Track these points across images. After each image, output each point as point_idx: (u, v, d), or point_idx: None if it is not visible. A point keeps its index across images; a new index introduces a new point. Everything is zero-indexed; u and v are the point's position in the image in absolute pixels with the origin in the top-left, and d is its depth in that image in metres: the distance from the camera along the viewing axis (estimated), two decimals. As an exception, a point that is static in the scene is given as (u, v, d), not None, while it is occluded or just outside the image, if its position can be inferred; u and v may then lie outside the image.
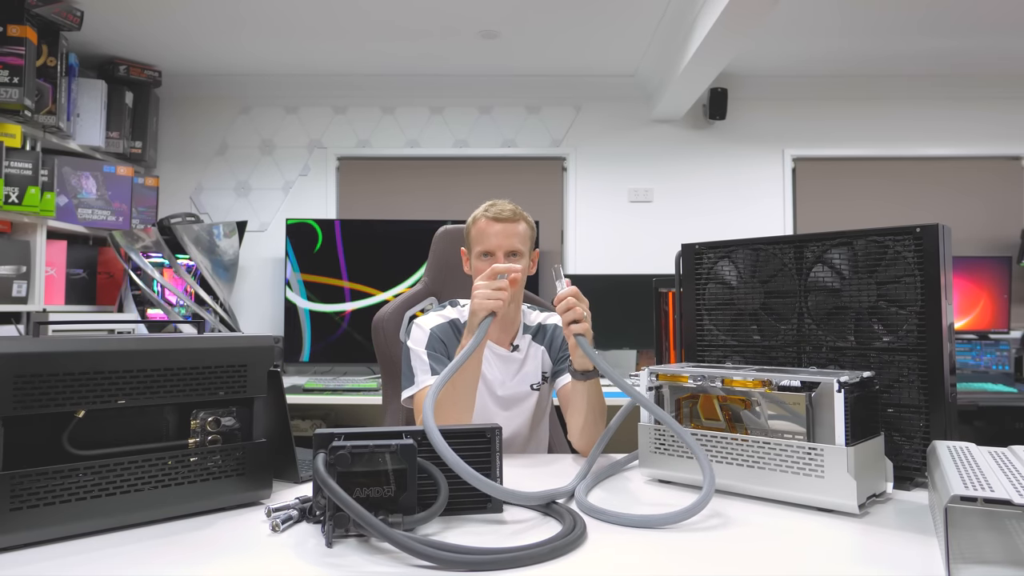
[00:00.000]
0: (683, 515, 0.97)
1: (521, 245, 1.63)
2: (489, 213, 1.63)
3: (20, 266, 2.90)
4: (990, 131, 3.84)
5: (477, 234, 1.64)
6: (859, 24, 3.17)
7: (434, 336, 1.62)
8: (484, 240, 1.62)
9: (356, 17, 3.08)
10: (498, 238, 1.60)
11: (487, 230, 1.62)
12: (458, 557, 0.81)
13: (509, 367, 1.68)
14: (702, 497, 0.99)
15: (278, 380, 1.17)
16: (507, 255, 1.61)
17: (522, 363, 1.69)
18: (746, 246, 1.39)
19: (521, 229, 1.63)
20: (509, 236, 1.61)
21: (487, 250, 1.61)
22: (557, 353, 1.71)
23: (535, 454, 1.68)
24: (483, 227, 1.63)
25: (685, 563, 0.84)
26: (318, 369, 3.73)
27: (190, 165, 3.89)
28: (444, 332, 1.63)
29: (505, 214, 1.62)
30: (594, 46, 3.40)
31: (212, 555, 0.86)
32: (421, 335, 1.64)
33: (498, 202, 1.65)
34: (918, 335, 1.18)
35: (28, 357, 0.88)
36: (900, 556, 0.85)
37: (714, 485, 1.02)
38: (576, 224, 3.87)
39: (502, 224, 1.61)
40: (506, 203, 1.65)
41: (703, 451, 1.08)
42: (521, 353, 1.70)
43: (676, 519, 0.97)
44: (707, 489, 1.00)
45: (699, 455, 1.06)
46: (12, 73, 2.71)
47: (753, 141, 3.89)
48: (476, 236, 1.64)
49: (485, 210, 1.65)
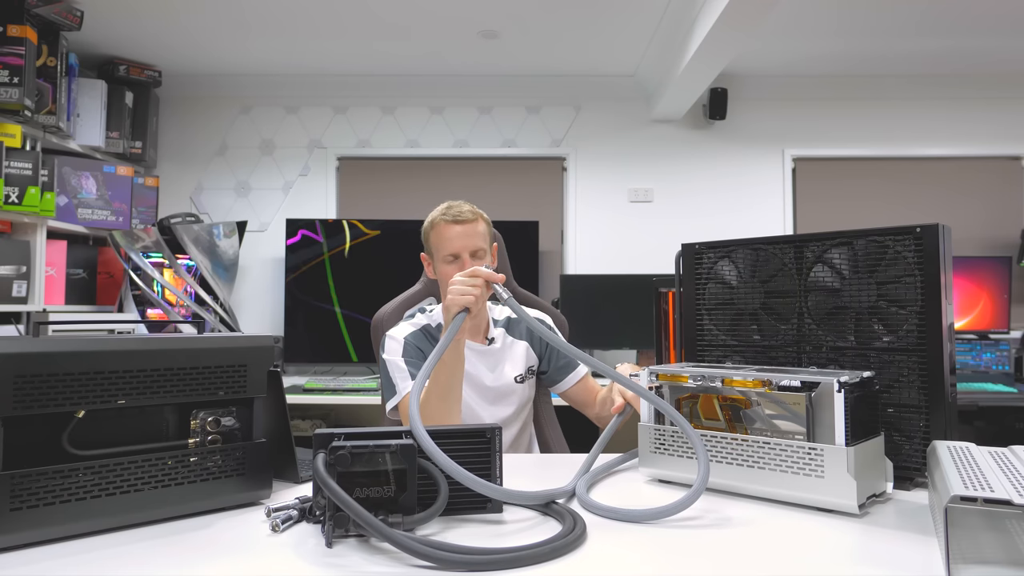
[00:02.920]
0: (675, 508, 0.98)
1: (483, 244, 1.65)
2: (448, 216, 1.63)
3: (20, 266, 2.90)
4: (990, 131, 3.84)
5: (438, 238, 1.65)
6: (859, 24, 3.17)
7: (408, 344, 1.63)
8: (447, 244, 1.63)
9: (356, 17, 3.08)
10: (461, 240, 1.62)
11: (448, 233, 1.63)
12: (458, 557, 0.81)
13: (488, 360, 1.69)
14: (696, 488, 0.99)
15: (278, 380, 1.17)
16: (472, 255, 1.62)
17: (500, 355, 1.70)
18: (746, 246, 1.38)
19: (481, 228, 1.65)
20: (471, 236, 1.62)
21: (453, 253, 1.62)
22: (543, 349, 1.73)
23: (535, 454, 1.69)
24: (443, 231, 1.63)
25: (685, 563, 0.84)
26: (318, 369, 3.73)
27: (190, 165, 3.89)
28: (417, 339, 1.64)
29: (465, 215, 1.63)
30: (594, 46, 3.40)
31: (212, 555, 0.86)
32: (395, 345, 1.64)
33: (454, 203, 1.66)
34: (918, 335, 1.18)
35: (28, 357, 0.88)
36: (900, 556, 0.85)
37: (708, 476, 1.02)
38: (576, 224, 3.87)
39: (462, 226, 1.62)
40: (462, 203, 1.66)
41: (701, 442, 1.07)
42: (498, 344, 1.71)
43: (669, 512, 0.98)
44: (701, 479, 1.00)
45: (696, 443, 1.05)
46: (12, 73, 2.71)
47: (753, 141, 3.89)
48: (437, 240, 1.65)
49: (443, 213, 1.65)
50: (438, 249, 1.65)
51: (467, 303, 1.35)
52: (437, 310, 1.75)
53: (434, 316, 1.72)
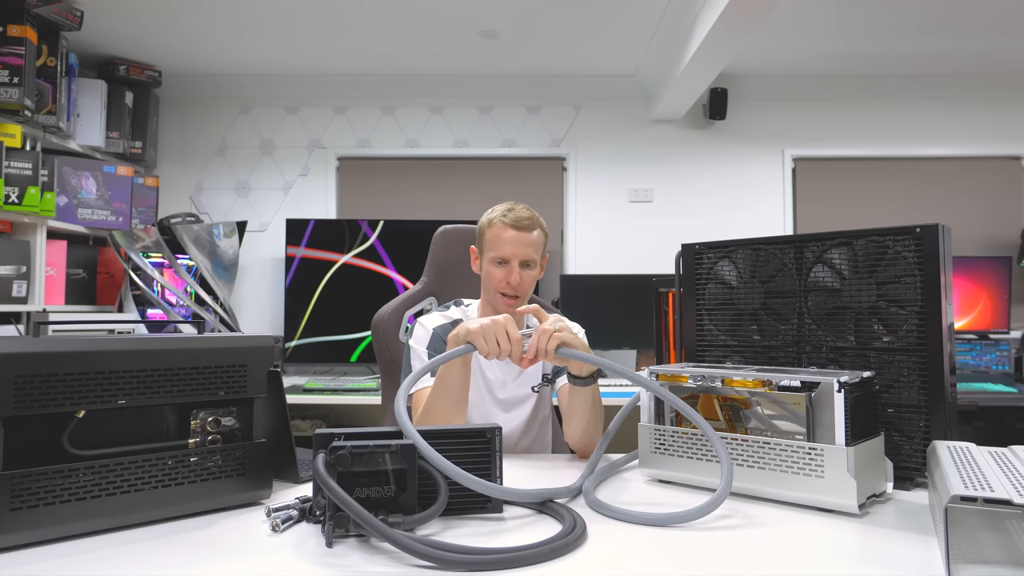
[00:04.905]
0: (697, 513, 0.97)
1: (535, 254, 1.61)
2: (507, 218, 1.60)
3: (20, 266, 2.90)
4: (990, 131, 3.84)
5: (492, 238, 1.61)
6: (859, 24, 3.17)
7: (436, 336, 1.62)
8: (499, 246, 1.59)
9: (356, 17, 3.08)
10: (513, 246, 1.58)
11: (503, 235, 1.59)
12: (458, 557, 0.81)
13: (511, 369, 1.67)
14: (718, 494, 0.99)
15: (278, 380, 1.17)
16: (522, 264, 1.59)
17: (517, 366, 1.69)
18: (746, 246, 1.38)
19: (536, 237, 1.62)
20: (525, 245, 1.59)
21: (502, 257, 1.59)
22: None
23: (535, 454, 1.68)
24: (499, 232, 1.60)
25: (685, 563, 0.84)
26: (318, 369, 3.73)
27: (190, 165, 3.89)
28: (446, 332, 1.63)
29: (524, 222, 1.59)
30: (594, 46, 3.40)
31: (212, 555, 0.86)
32: (424, 334, 1.63)
33: (516, 206, 1.62)
34: (918, 335, 1.18)
35: (28, 357, 0.88)
36: (900, 556, 0.85)
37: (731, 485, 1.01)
38: (576, 224, 3.87)
39: (519, 232, 1.59)
40: (524, 208, 1.62)
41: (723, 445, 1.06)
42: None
43: (690, 517, 0.97)
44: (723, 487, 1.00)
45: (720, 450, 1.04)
46: (12, 73, 2.71)
47: (753, 141, 3.89)
48: (491, 240, 1.61)
49: (503, 214, 1.61)
50: (490, 248, 1.61)
51: (485, 353, 1.26)
52: (474, 306, 1.72)
53: (469, 312, 1.69)
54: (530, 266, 1.61)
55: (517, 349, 1.26)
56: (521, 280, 1.59)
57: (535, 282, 1.65)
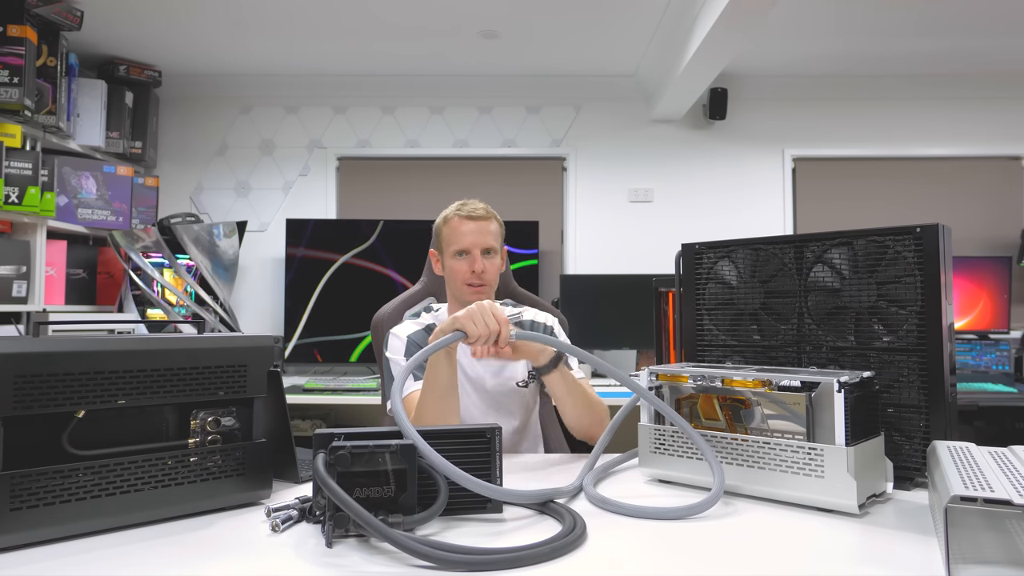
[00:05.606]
0: (697, 508, 1.00)
1: (495, 242, 1.65)
2: (462, 212, 1.65)
3: (20, 266, 2.90)
4: (990, 131, 3.84)
5: (450, 233, 1.65)
6: (859, 24, 3.17)
7: (411, 343, 1.63)
8: (459, 239, 1.63)
9: (356, 17, 3.08)
10: (473, 236, 1.62)
11: (461, 228, 1.64)
12: (458, 557, 0.81)
13: (491, 364, 1.68)
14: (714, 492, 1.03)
15: (278, 380, 1.17)
16: (483, 253, 1.63)
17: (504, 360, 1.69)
18: (746, 246, 1.38)
19: (493, 227, 1.66)
20: (483, 234, 1.63)
21: (463, 248, 1.63)
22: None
23: (534, 454, 1.68)
24: (456, 226, 1.64)
25: (685, 562, 0.84)
26: (318, 369, 3.73)
27: (190, 165, 3.89)
28: (421, 338, 1.64)
29: (478, 212, 1.64)
30: (594, 46, 3.40)
31: (212, 555, 0.86)
32: (398, 343, 1.64)
33: (469, 201, 1.67)
34: (918, 335, 1.18)
35: (28, 357, 0.88)
36: (900, 556, 0.85)
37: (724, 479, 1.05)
38: (576, 224, 3.87)
39: (475, 222, 1.63)
40: (477, 202, 1.68)
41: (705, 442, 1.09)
42: None
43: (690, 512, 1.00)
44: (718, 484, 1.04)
45: (702, 447, 1.06)
46: (12, 73, 2.71)
47: (753, 141, 3.89)
48: (449, 235, 1.66)
49: (458, 209, 1.66)
50: (449, 244, 1.65)
51: (475, 337, 1.26)
52: (443, 310, 1.74)
53: (439, 316, 1.71)
54: (491, 254, 1.64)
55: (506, 329, 1.27)
56: (485, 268, 1.62)
57: (499, 273, 1.68)
